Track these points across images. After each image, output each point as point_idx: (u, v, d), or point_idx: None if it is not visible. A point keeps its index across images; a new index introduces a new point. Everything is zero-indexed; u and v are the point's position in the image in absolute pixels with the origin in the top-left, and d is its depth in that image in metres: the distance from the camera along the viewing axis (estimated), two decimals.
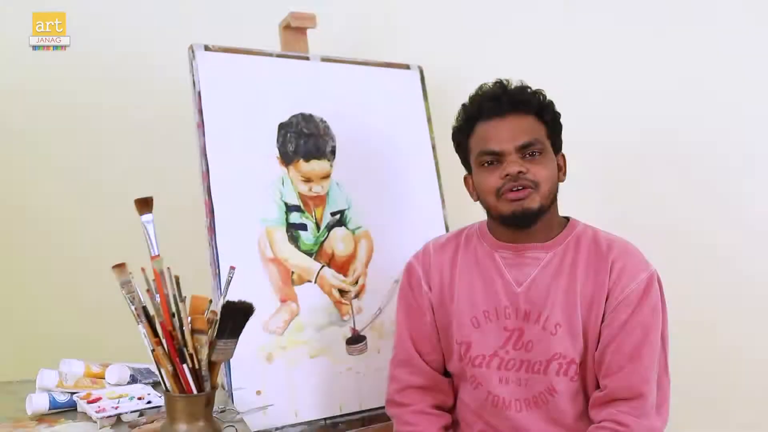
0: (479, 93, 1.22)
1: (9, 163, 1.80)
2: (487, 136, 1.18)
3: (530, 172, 1.14)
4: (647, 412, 1.11)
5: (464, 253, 1.26)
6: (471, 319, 1.22)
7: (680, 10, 1.70)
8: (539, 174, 1.15)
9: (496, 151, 1.16)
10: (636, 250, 1.18)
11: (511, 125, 1.16)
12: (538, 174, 1.15)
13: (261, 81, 1.50)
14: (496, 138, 1.16)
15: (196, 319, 0.93)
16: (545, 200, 1.16)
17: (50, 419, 1.15)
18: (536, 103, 1.19)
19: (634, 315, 1.12)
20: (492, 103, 1.18)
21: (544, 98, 1.21)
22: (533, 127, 1.17)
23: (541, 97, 1.20)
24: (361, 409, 1.47)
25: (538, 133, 1.18)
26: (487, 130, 1.18)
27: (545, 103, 1.20)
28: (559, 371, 1.16)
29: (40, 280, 1.81)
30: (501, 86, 1.20)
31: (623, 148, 1.76)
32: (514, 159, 1.15)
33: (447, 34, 1.93)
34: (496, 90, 1.20)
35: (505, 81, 1.21)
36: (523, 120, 1.17)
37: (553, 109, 1.21)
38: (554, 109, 1.22)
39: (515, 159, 1.15)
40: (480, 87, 1.23)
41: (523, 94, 1.19)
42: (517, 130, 1.16)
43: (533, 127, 1.17)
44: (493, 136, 1.17)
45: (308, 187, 1.51)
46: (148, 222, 0.98)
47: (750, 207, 1.66)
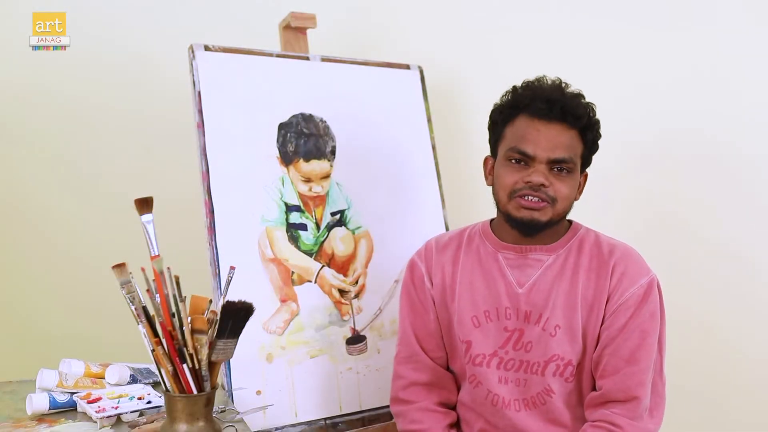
0: (535, 85, 1.18)
1: (9, 162, 1.80)
2: (526, 134, 1.15)
3: (552, 188, 1.13)
4: (641, 414, 1.12)
5: (467, 252, 1.26)
6: (472, 318, 1.22)
7: (682, 8, 1.70)
8: (561, 192, 1.14)
9: (529, 153, 1.13)
10: (637, 255, 1.18)
11: (553, 134, 1.13)
12: (560, 191, 1.13)
13: (261, 81, 1.50)
14: (534, 141, 1.13)
15: (196, 319, 0.93)
16: (557, 217, 1.15)
17: (50, 419, 1.15)
18: (586, 120, 1.15)
19: (633, 319, 1.13)
20: (545, 105, 1.13)
21: (593, 115, 1.17)
22: (573, 143, 1.15)
23: (591, 112, 1.17)
24: (361, 409, 1.47)
25: (575, 150, 1.15)
26: (528, 129, 1.15)
27: (593, 121, 1.17)
28: (556, 372, 1.16)
29: (40, 280, 1.81)
30: (560, 89, 1.16)
31: (623, 148, 1.76)
32: (542, 169, 1.13)
33: (447, 34, 1.93)
34: (555, 92, 1.16)
35: (564, 84, 1.17)
36: (566, 133, 1.14)
37: (598, 129, 1.18)
38: (598, 129, 1.18)
39: (543, 169, 1.13)
40: (537, 79, 1.18)
41: (578, 107, 1.14)
42: (557, 142, 1.13)
43: (573, 144, 1.15)
44: (533, 138, 1.14)
45: (308, 187, 1.51)
46: (148, 222, 0.98)
47: (755, 205, 1.66)
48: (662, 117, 1.72)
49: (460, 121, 1.86)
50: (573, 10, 1.81)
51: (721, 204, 1.68)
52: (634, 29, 1.74)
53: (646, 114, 1.73)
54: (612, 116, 1.75)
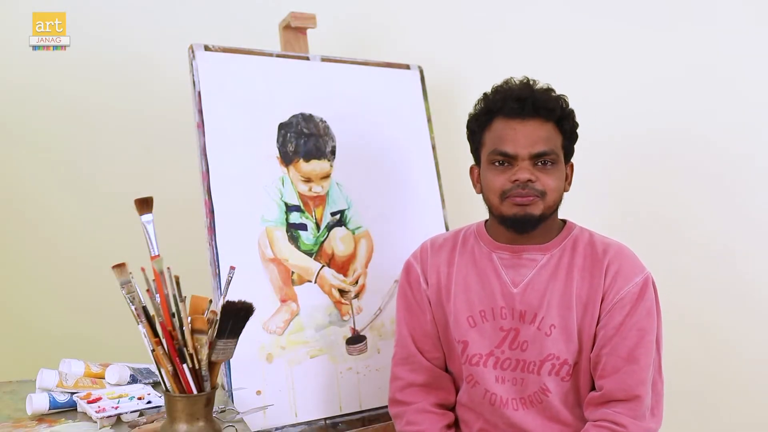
0: (504, 88, 1.20)
1: (9, 162, 1.80)
2: (503, 136, 1.16)
3: (539, 182, 1.14)
4: (643, 413, 1.12)
5: (461, 253, 1.27)
6: (467, 318, 1.22)
7: (682, 9, 1.70)
8: (548, 184, 1.15)
9: (510, 153, 1.15)
10: (631, 254, 1.19)
11: (530, 130, 1.15)
12: (547, 184, 1.15)
13: (261, 81, 1.50)
14: (512, 141, 1.15)
15: (196, 319, 0.93)
16: (549, 209, 1.16)
17: (50, 419, 1.15)
18: (559, 111, 1.17)
19: (630, 317, 1.13)
20: (516, 104, 1.16)
21: (566, 106, 1.19)
22: (551, 135, 1.16)
23: (564, 103, 1.18)
24: (361, 409, 1.47)
25: (555, 142, 1.16)
26: (505, 130, 1.16)
27: (567, 111, 1.19)
28: (552, 371, 1.16)
29: (40, 281, 1.82)
30: (528, 87, 1.18)
31: (623, 148, 1.76)
32: (526, 166, 1.14)
33: (447, 34, 1.93)
34: (523, 90, 1.17)
35: (532, 81, 1.19)
36: (542, 127, 1.16)
37: (573, 118, 1.20)
38: (574, 118, 1.20)
39: (527, 166, 1.14)
40: (506, 81, 1.21)
41: (549, 101, 1.16)
42: (535, 136, 1.15)
43: (551, 136, 1.16)
44: (510, 138, 1.15)
45: (308, 187, 1.51)
46: (148, 222, 0.98)
47: (752, 205, 1.66)
48: (661, 117, 1.72)
49: (460, 121, 1.86)
50: (573, 10, 1.81)
51: (722, 204, 1.68)
52: (634, 29, 1.74)
53: (646, 113, 1.73)
54: (612, 116, 1.76)
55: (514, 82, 1.20)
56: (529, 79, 1.20)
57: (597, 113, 1.75)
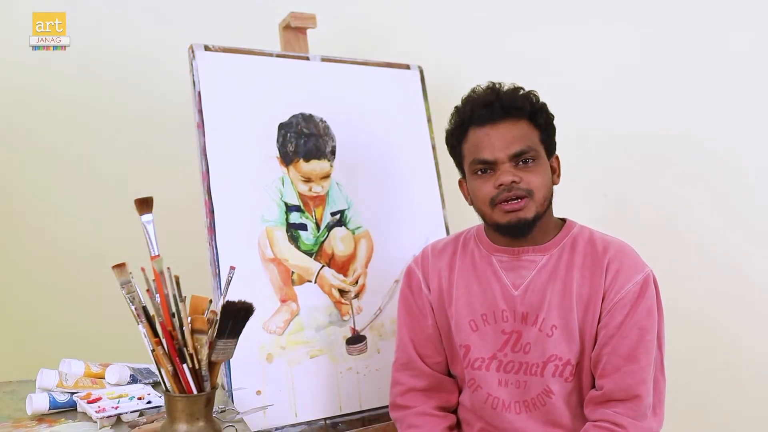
0: (471, 97, 1.21)
1: (9, 162, 1.80)
2: (479, 144, 1.17)
3: (524, 181, 1.14)
4: (643, 413, 1.11)
5: (462, 257, 1.27)
6: (469, 322, 1.22)
7: (681, 9, 1.70)
8: (533, 182, 1.14)
9: (488, 160, 1.15)
10: (632, 251, 1.18)
11: (503, 133, 1.15)
12: (532, 182, 1.14)
13: (261, 81, 1.50)
14: (488, 147, 1.15)
15: (196, 319, 0.93)
16: (540, 208, 1.16)
17: (50, 419, 1.15)
18: (529, 107, 1.17)
19: (630, 316, 1.12)
20: (484, 110, 1.16)
21: (537, 101, 1.19)
22: (526, 133, 1.16)
23: (533, 99, 1.19)
24: (361, 409, 1.47)
25: (532, 139, 1.16)
26: (480, 138, 1.17)
27: (538, 106, 1.19)
28: (555, 373, 1.16)
29: (41, 280, 1.82)
30: (493, 91, 1.19)
31: (623, 148, 1.76)
32: (508, 168, 1.14)
33: (447, 34, 1.93)
34: (488, 95, 1.18)
35: (497, 85, 1.20)
36: (515, 126, 1.16)
37: (547, 111, 1.20)
38: (547, 111, 1.20)
39: (508, 168, 1.14)
40: (472, 90, 1.22)
41: (516, 100, 1.17)
42: (510, 137, 1.15)
43: (526, 134, 1.16)
44: (486, 144, 1.16)
45: (308, 187, 1.51)
46: (148, 222, 0.98)
47: (750, 205, 1.66)
48: (662, 116, 1.72)
49: None
50: (573, 11, 1.81)
51: (721, 204, 1.68)
52: (633, 29, 1.74)
53: (645, 113, 1.73)
54: (612, 116, 1.76)
55: (480, 89, 1.21)
56: (494, 83, 1.20)
57: (597, 113, 1.76)
